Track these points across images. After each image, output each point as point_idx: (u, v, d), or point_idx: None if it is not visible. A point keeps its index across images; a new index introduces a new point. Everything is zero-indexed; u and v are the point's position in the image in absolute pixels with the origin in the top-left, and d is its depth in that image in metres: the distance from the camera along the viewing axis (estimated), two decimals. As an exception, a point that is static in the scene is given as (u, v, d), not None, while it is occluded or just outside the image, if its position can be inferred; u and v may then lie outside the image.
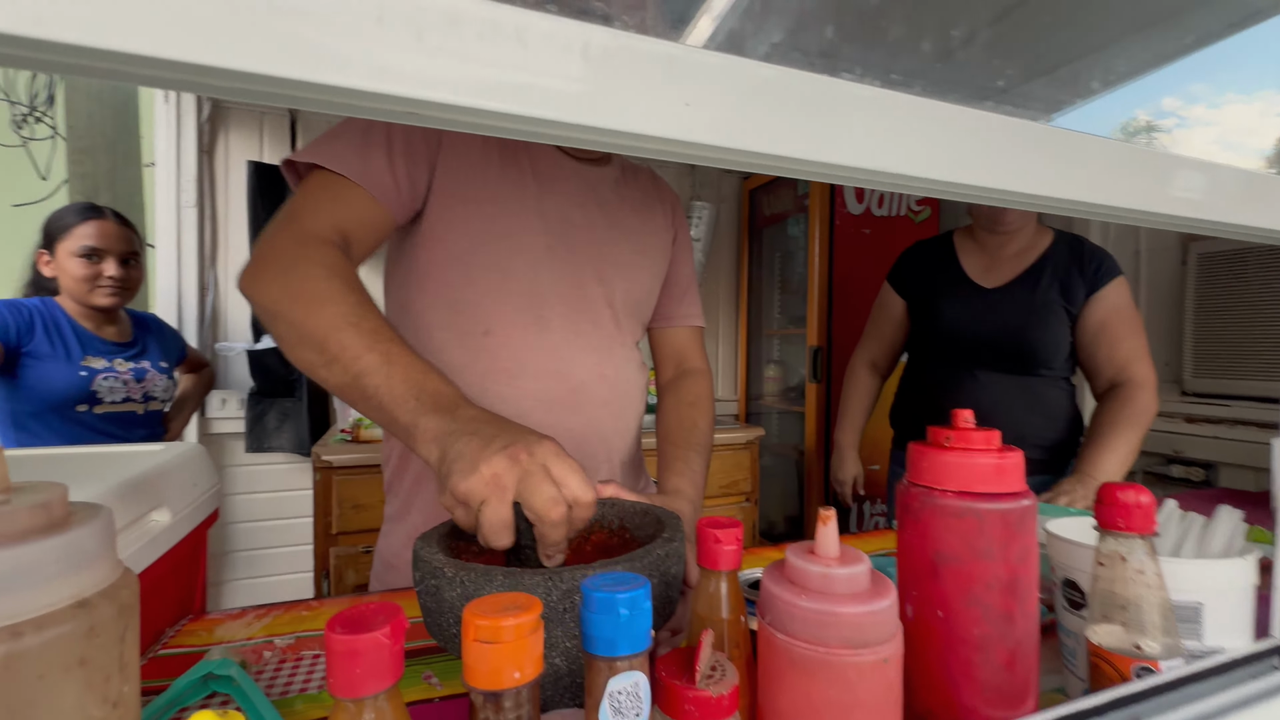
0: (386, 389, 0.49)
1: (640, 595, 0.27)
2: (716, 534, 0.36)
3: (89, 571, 0.21)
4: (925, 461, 0.37)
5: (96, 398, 1.34)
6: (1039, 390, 1.23)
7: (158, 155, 1.94)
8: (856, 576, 0.32)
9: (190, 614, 0.68)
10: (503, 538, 0.41)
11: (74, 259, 1.32)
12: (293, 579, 2.06)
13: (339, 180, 0.62)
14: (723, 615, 0.36)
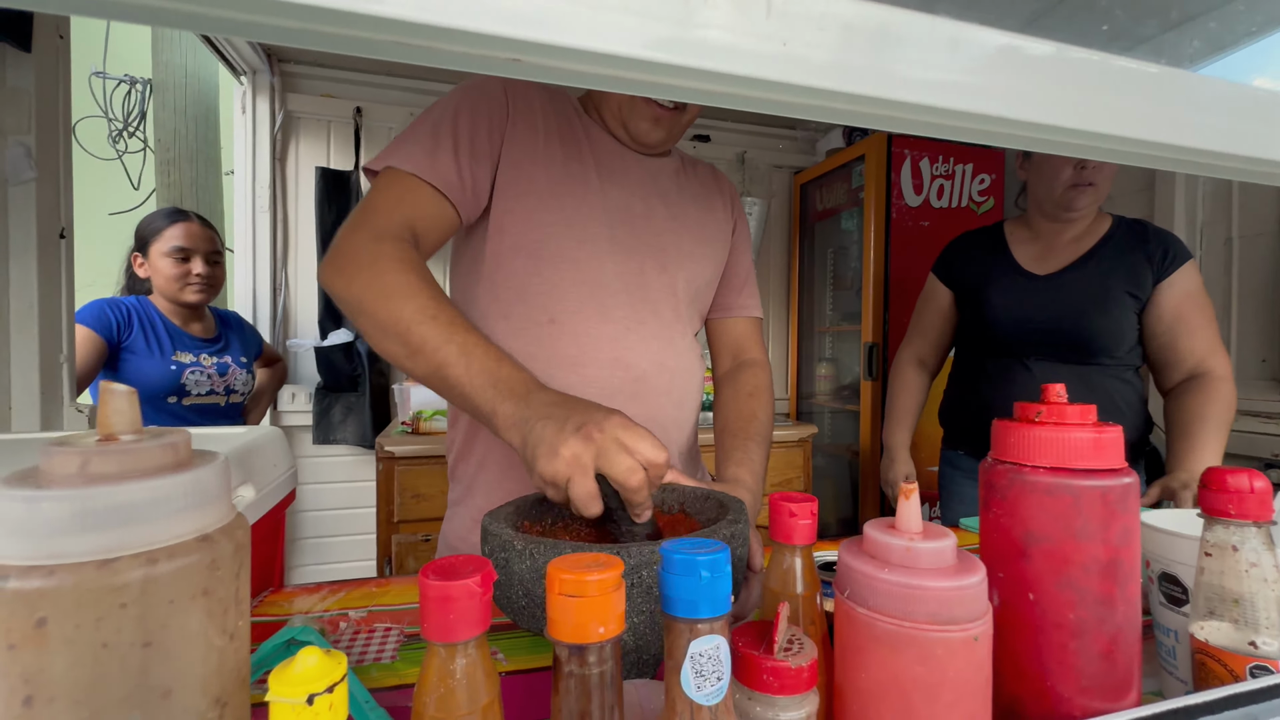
0: (466, 379, 0.53)
1: (721, 558, 0.27)
2: (791, 508, 0.35)
3: (211, 509, 0.22)
4: (1013, 437, 0.35)
5: (185, 390, 1.43)
6: (1100, 382, 1.15)
7: (235, 164, 2.06)
8: (942, 551, 0.31)
9: (271, 587, 0.72)
10: (592, 507, 0.45)
11: (165, 259, 1.42)
12: (357, 566, 2.15)
13: (408, 178, 0.65)
14: (797, 590, 0.35)
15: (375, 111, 2.14)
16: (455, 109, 0.69)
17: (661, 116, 0.73)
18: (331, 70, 2.12)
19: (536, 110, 0.74)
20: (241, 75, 2.01)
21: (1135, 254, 1.15)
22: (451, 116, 0.68)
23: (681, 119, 0.75)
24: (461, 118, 0.69)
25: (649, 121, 0.74)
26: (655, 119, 0.74)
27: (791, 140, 2.65)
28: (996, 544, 0.35)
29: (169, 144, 2.11)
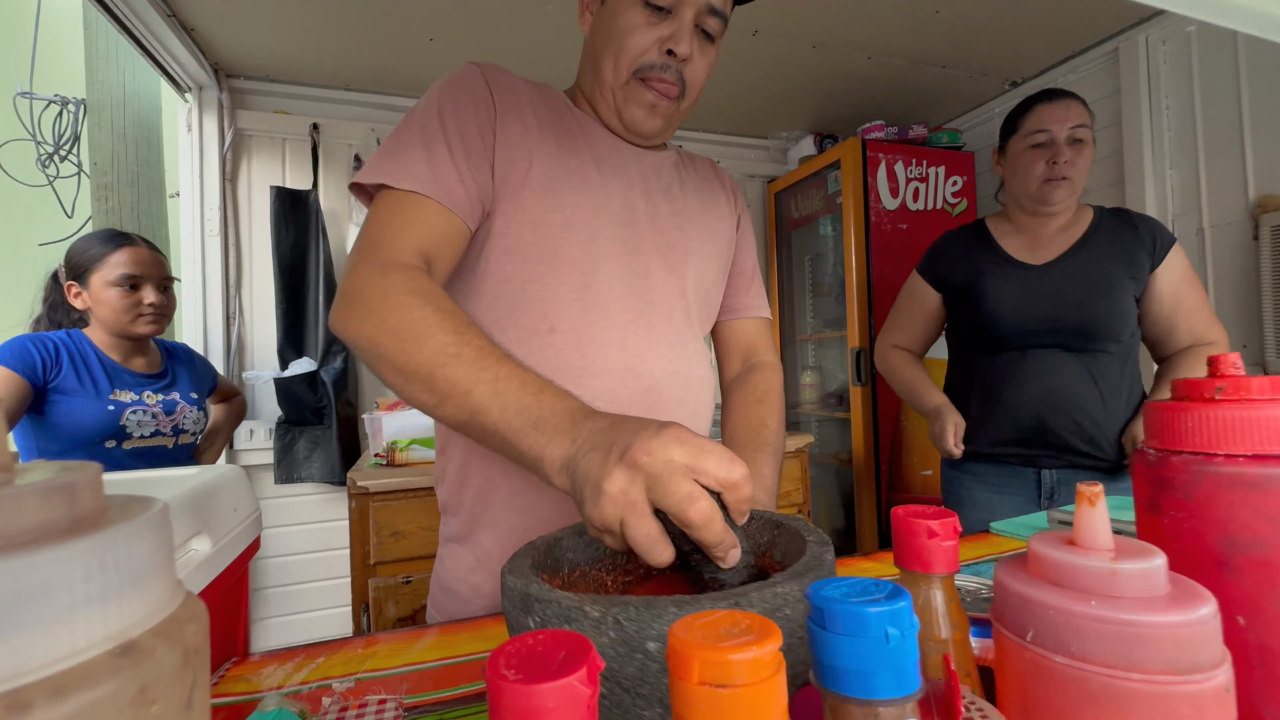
0: (504, 423, 0.45)
1: (904, 611, 0.19)
2: (930, 525, 0.27)
3: (137, 596, 0.13)
4: (1191, 420, 0.28)
5: (125, 432, 1.28)
6: (1105, 369, 1.15)
7: (181, 186, 1.92)
8: (1154, 572, 0.24)
9: (234, 657, 0.60)
10: (660, 553, 0.34)
11: (112, 288, 1.28)
12: (331, 614, 1.98)
13: (407, 196, 0.58)
14: (942, 634, 0.27)
15: (333, 127, 2.03)
16: (439, 110, 0.62)
17: (658, 103, 0.67)
18: (285, 85, 2.01)
19: (524, 101, 0.66)
20: (186, 92, 1.89)
21: (1127, 239, 1.15)
22: (437, 119, 0.61)
23: (679, 107, 0.69)
24: (448, 118, 0.61)
25: (645, 109, 0.67)
26: (651, 105, 0.67)
27: (763, 149, 2.64)
28: (1180, 556, 0.28)
29: (106, 167, 1.95)
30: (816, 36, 1.84)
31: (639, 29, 0.64)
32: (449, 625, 0.63)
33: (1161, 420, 0.30)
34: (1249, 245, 1.64)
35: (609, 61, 0.66)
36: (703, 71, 0.68)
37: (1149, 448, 0.30)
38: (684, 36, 0.64)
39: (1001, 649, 0.26)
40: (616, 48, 0.65)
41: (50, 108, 2.04)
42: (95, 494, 0.14)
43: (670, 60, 0.65)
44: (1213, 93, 1.71)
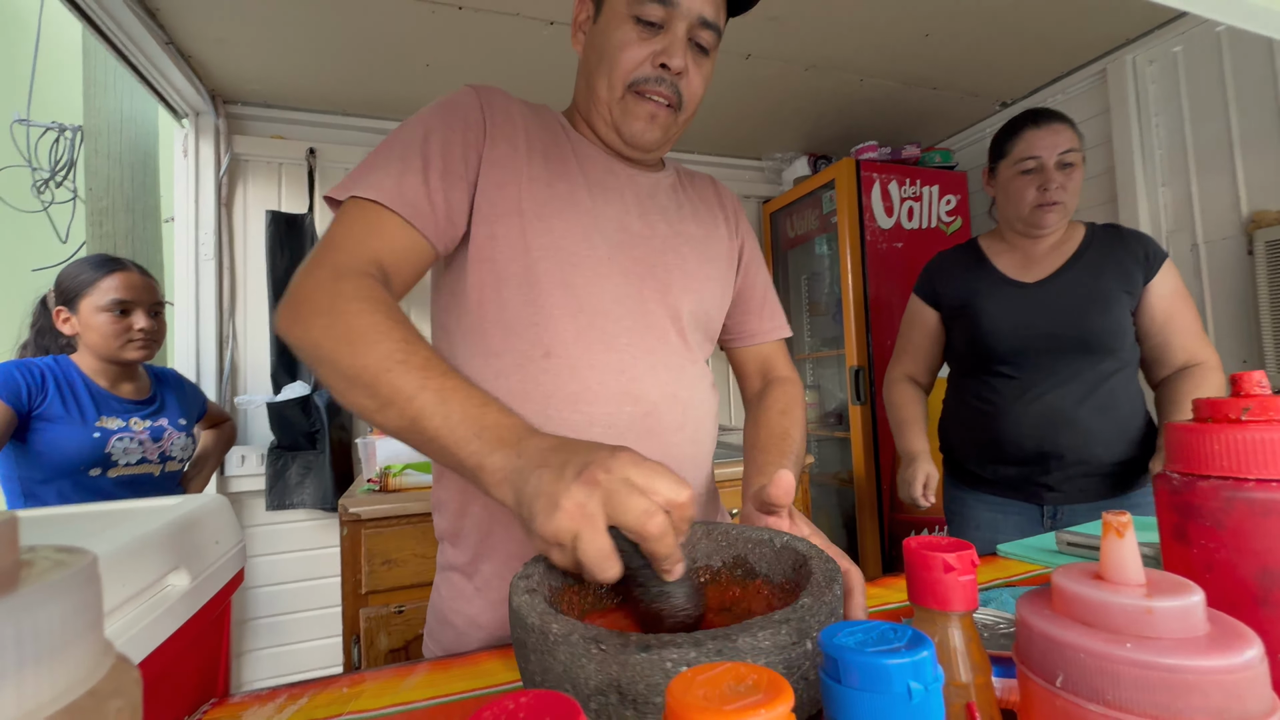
0: (446, 430, 0.44)
1: (927, 662, 0.17)
2: (946, 559, 0.25)
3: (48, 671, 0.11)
4: (1214, 442, 0.27)
5: (111, 460, 1.25)
6: (1104, 383, 1.13)
7: (176, 210, 1.92)
8: (1192, 610, 0.22)
9: (213, 698, 0.57)
10: (608, 569, 0.36)
11: (102, 314, 1.26)
12: (320, 645, 1.93)
13: (373, 208, 0.57)
14: (963, 678, 0.25)
15: (330, 152, 2.04)
16: (425, 129, 0.61)
17: (657, 113, 0.67)
18: (281, 110, 2.02)
19: (518, 126, 0.66)
20: (183, 118, 1.89)
21: (1119, 253, 1.16)
22: (421, 137, 0.61)
23: (677, 119, 0.69)
24: (433, 138, 0.61)
25: (643, 120, 0.67)
26: (650, 116, 0.67)
27: (758, 170, 2.66)
28: (1212, 589, 0.26)
29: (101, 193, 1.95)
30: (809, 59, 1.87)
31: (631, 44, 0.64)
32: (440, 661, 0.60)
33: (1185, 442, 0.28)
34: (1244, 260, 1.65)
35: (603, 78, 0.66)
36: (698, 84, 0.68)
37: (1172, 472, 0.29)
38: (677, 50, 0.64)
39: (1028, 694, 0.24)
40: (610, 64, 0.65)
41: (47, 134, 2.05)
42: (8, 547, 0.12)
43: (664, 74, 0.64)
44: (1201, 111, 1.72)
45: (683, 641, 0.27)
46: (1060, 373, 1.14)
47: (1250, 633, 0.21)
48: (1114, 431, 1.12)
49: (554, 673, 0.28)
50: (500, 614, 0.63)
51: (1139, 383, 1.18)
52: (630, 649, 0.27)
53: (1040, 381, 1.15)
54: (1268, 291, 1.58)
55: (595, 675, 0.27)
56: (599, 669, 0.27)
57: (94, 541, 0.47)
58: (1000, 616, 0.41)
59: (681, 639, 0.27)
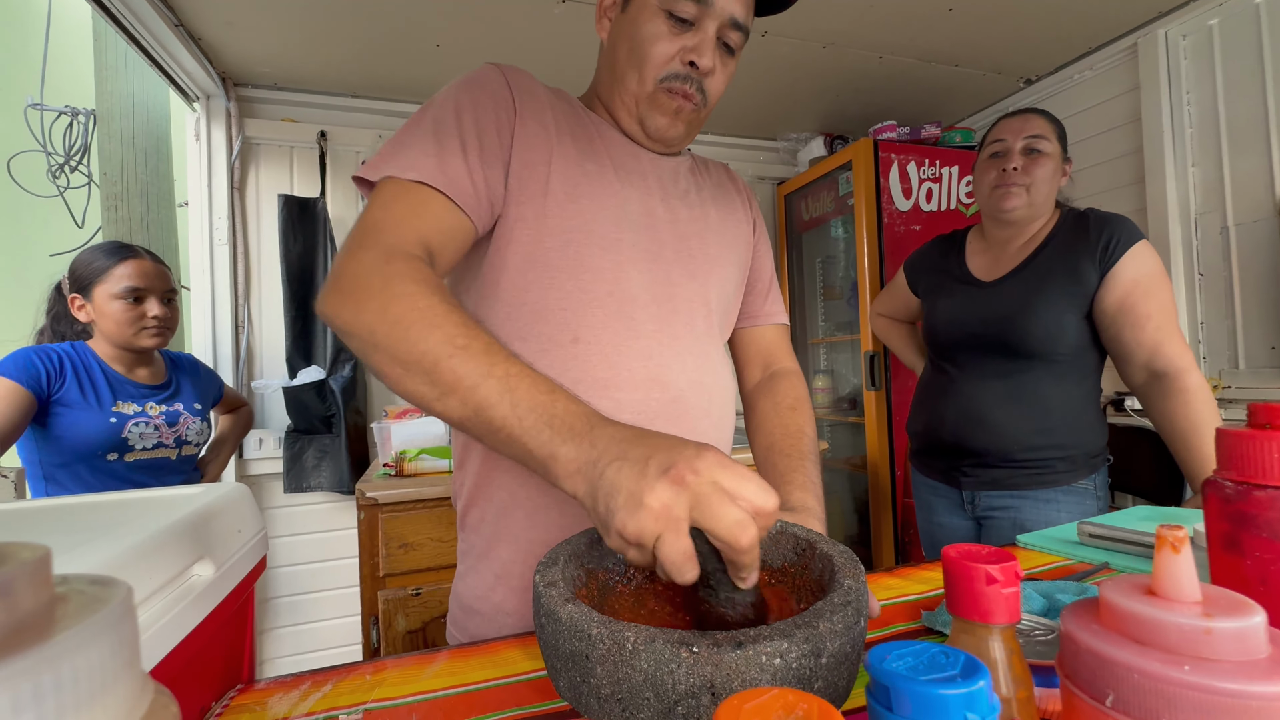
0: (514, 419, 0.42)
1: (983, 692, 0.17)
2: (989, 571, 0.25)
3: (94, 712, 0.11)
4: (1274, 450, 0.26)
5: (127, 445, 1.27)
6: (1031, 387, 1.11)
7: (190, 195, 1.92)
8: (1254, 631, 0.21)
9: (239, 684, 0.58)
10: (688, 571, 0.34)
11: (116, 301, 1.27)
12: (339, 624, 1.97)
13: (414, 187, 0.55)
14: (1004, 693, 0.25)
15: (341, 135, 2.03)
16: (457, 106, 0.60)
17: (683, 109, 0.66)
18: (292, 93, 2.01)
19: (544, 104, 0.65)
20: (194, 101, 1.89)
21: (1077, 248, 1.11)
22: (454, 114, 0.59)
23: (701, 114, 0.68)
24: (466, 115, 0.59)
25: (669, 116, 0.66)
26: (676, 111, 0.66)
27: (773, 151, 2.61)
28: (1267, 604, 0.25)
29: (116, 177, 1.95)
30: (827, 37, 1.82)
31: (662, 38, 0.63)
32: (460, 649, 0.61)
33: (1240, 449, 0.27)
34: (1276, 243, 1.60)
35: (633, 71, 0.65)
36: (721, 84, 0.67)
37: (1225, 479, 0.28)
38: (707, 49, 0.63)
39: (1073, 710, 0.23)
40: (641, 57, 0.64)
41: (61, 119, 2.05)
42: (40, 586, 0.11)
43: (692, 72, 0.64)
44: (1236, 88, 1.66)
45: (772, 634, 0.28)
46: (986, 372, 1.16)
47: (1315, 655, 0.21)
48: (1031, 432, 1.11)
49: (632, 682, 0.28)
50: (524, 600, 0.63)
51: (1088, 386, 1.13)
52: (724, 648, 0.27)
53: (967, 378, 1.18)
54: (1300, 276, 1.54)
55: (686, 679, 0.27)
56: (690, 672, 0.27)
57: (119, 532, 0.47)
58: (1036, 622, 0.40)
59: (769, 631, 0.28)
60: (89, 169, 2.09)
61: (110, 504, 0.60)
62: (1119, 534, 0.71)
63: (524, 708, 0.48)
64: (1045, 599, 0.53)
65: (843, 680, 0.30)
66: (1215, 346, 1.73)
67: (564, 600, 0.35)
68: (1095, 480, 1.12)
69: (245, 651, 0.63)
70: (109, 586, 0.13)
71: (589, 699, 0.31)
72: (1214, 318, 1.74)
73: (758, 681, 0.27)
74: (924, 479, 1.30)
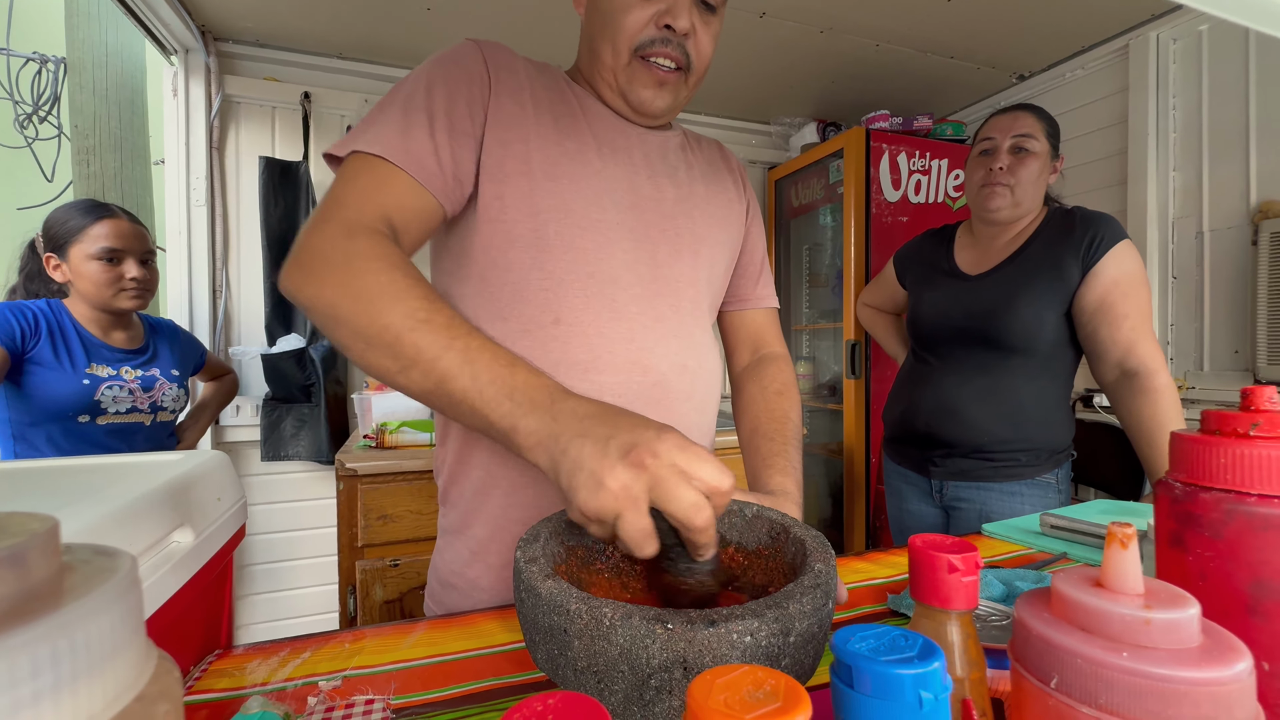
0: (475, 391, 0.43)
1: (938, 672, 0.18)
2: (951, 559, 0.26)
3: (99, 681, 0.11)
4: (1220, 455, 0.27)
5: (100, 408, 1.25)
6: (1007, 383, 1.15)
7: (166, 153, 1.86)
8: (1188, 623, 0.23)
9: (217, 649, 0.59)
10: (647, 547, 0.36)
11: (93, 262, 1.24)
12: (316, 592, 1.97)
13: (380, 163, 0.55)
14: (959, 673, 0.26)
15: (325, 97, 1.97)
16: (428, 83, 0.59)
17: (666, 79, 0.65)
18: (275, 51, 1.94)
19: (522, 81, 0.64)
20: (172, 55, 1.82)
21: (1062, 245, 1.13)
22: (425, 91, 0.58)
23: (686, 81, 0.67)
24: (436, 92, 0.59)
25: (652, 88, 0.65)
26: (659, 83, 0.65)
27: (765, 135, 2.60)
28: (1205, 596, 0.27)
29: (88, 130, 1.88)
30: (825, 21, 1.80)
31: (633, 6, 0.61)
32: (439, 620, 0.62)
33: (1190, 453, 0.29)
34: (1247, 250, 1.64)
35: (606, 44, 0.64)
36: (707, 44, 0.65)
37: (1175, 480, 0.29)
38: (681, 9, 0.61)
39: (1021, 690, 0.25)
40: (614, 28, 0.63)
41: (29, 65, 1.96)
42: (50, 556, 0.12)
43: (670, 34, 0.62)
44: (1221, 94, 1.69)
45: (743, 613, 0.29)
46: (965, 365, 1.19)
47: (1241, 646, 0.22)
48: (1002, 425, 1.14)
49: (608, 656, 0.29)
50: (501, 577, 0.64)
51: (1060, 384, 1.16)
52: (697, 625, 0.28)
53: (946, 370, 1.21)
54: (1267, 283, 1.58)
55: (660, 654, 0.28)
56: (664, 648, 0.28)
57: (99, 497, 0.47)
58: (993, 608, 0.42)
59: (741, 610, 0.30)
60: (59, 120, 2.01)
61: (89, 468, 0.59)
62: (1078, 526, 0.75)
63: (501, 678, 0.49)
64: (1005, 585, 0.56)
65: (809, 658, 0.32)
66: (1183, 347, 1.79)
67: (544, 576, 0.35)
68: (1058, 474, 1.16)
69: (223, 618, 0.63)
70: (113, 557, 0.13)
71: (566, 671, 0.32)
72: (1184, 319, 1.79)
73: (728, 658, 0.28)
74: (895, 466, 1.33)
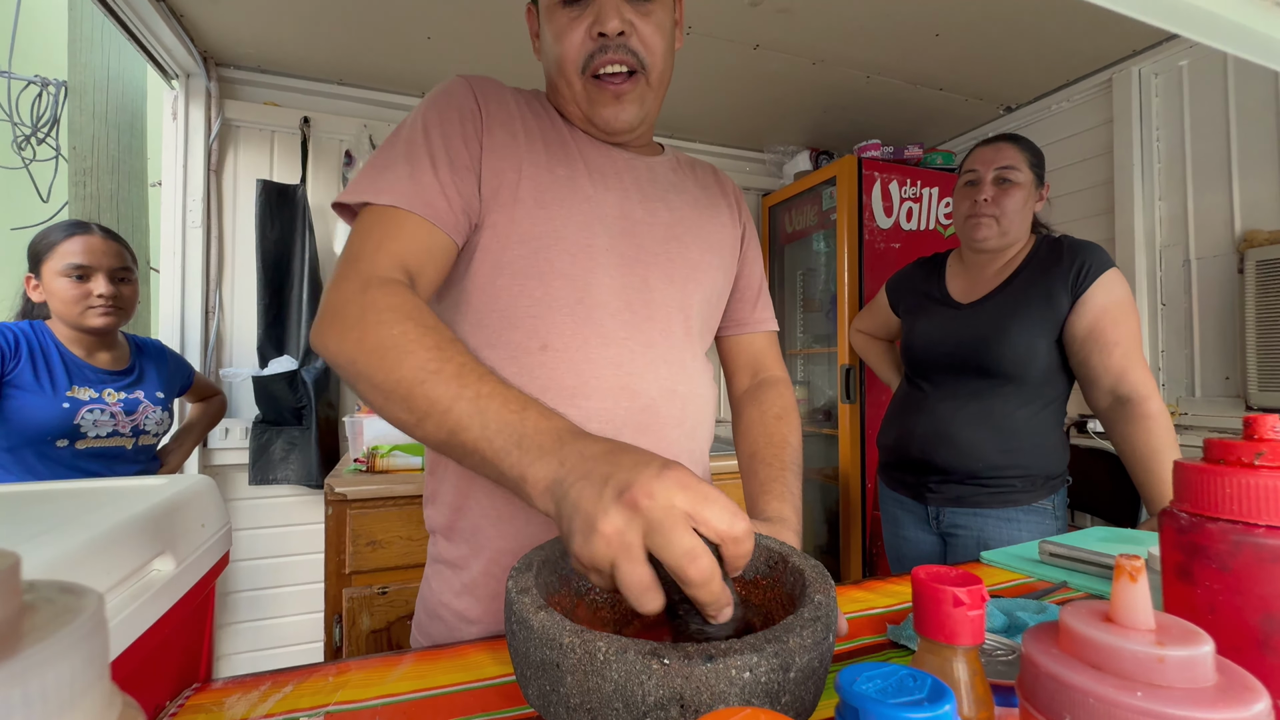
0: (485, 441, 0.42)
1: (949, 715, 0.17)
2: (956, 593, 0.25)
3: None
4: (1226, 485, 0.27)
5: (80, 432, 1.22)
6: (1000, 408, 1.15)
7: (164, 175, 1.87)
8: (1202, 660, 0.22)
9: (195, 683, 0.57)
10: (650, 601, 0.32)
11: (60, 279, 1.22)
12: (302, 620, 1.92)
13: (390, 212, 0.56)
14: (966, 713, 0.25)
15: (324, 122, 1.99)
16: (425, 124, 0.60)
17: (621, 91, 0.64)
18: (276, 77, 1.97)
19: (513, 112, 0.65)
20: (173, 79, 1.84)
21: (1051, 274, 1.15)
22: (423, 132, 0.60)
23: (649, 80, 0.65)
24: (433, 131, 0.60)
25: (611, 106, 0.64)
26: (616, 97, 0.64)
27: (759, 163, 2.64)
28: (1214, 629, 0.27)
29: (86, 152, 1.89)
30: (817, 54, 1.85)
31: (566, 29, 0.63)
32: (427, 652, 0.60)
33: (1195, 483, 0.28)
34: (1234, 278, 1.67)
35: (560, 76, 0.65)
36: (652, 36, 0.63)
37: (1180, 510, 0.29)
38: (607, 13, 0.61)
39: (1032, 731, 0.24)
40: (558, 57, 0.64)
41: (30, 88, 1.98)
42: (8, 597, 0.11)
43: (606, 41, 0.62)
44: (1202, 127, 1.73)
45: (742, 648, 0.28)
46: (959, 392, 1.20)
47: (1258, 685, 0.22)
48: (996, 452, 1.14)
49: (602, 692, 0.28)
50: (490, 609, 0.63)
51: (1053, 411, 1.17)
52: (694, 661, 0.27)
53: (940, 397, 1.22)
54: (1254, 310, 1.60)
55: (655, 690, 0.27)
56: (660, 684, 0.27)
57: (78, 524, 0.46)
58: (999, 642, 0.41)
59: (739, 645, 0.28)
60: (57, 142, 2.02)
61: (70, 493, 0.58)
62: (1078, 554, 0.74)
63: (491, 714, 0.48)
64: (1006, 616, 0.55)
65: (809, 694, 0.31)
66: (1174, 374, 1.80)
67: (536, 608, 0.34)
68: (1054, 500, 1.16)
69: (203, 649, 0.61)
70: (79, 596, 0.13)
71: (558, 708, 0.31)
72: (1174, 346, 1.80)
73: (726, 694, 0.27)
74: (891, 493, 1.33)
